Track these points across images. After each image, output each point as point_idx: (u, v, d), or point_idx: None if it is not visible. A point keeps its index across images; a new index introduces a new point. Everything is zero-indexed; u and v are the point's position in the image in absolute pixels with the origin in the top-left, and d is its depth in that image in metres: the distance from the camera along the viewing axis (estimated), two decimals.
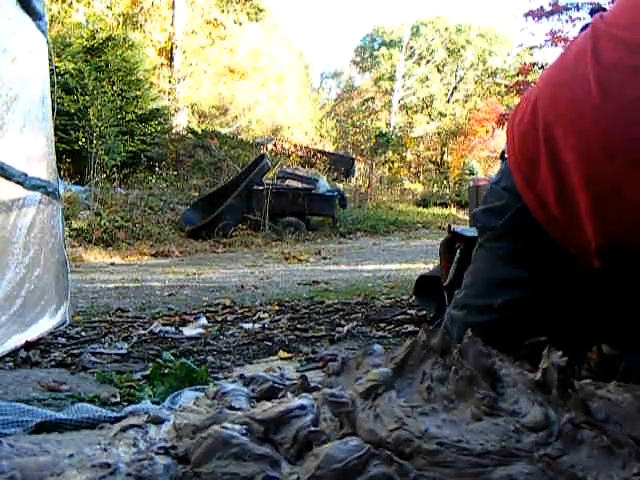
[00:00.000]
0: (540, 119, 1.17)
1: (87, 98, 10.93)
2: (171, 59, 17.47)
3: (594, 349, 1.29)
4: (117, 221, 9.22)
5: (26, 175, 2.53)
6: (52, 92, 2.98)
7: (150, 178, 12.01)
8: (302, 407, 0.89)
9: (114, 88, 11.74)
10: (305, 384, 1.11)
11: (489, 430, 0.78)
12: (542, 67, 11.47)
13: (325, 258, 8.04)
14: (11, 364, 2.19)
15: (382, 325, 2.94)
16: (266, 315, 3.29)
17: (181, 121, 16.36)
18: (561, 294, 1.22)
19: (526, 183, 1.20)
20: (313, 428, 0.85)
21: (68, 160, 9.92)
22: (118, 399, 1.74)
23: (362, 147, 21.23)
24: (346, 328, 2.82)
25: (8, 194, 2.42)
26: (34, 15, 2.66)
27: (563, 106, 1.13)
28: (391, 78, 29.67)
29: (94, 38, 12.57)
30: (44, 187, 2.75)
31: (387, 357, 0.99)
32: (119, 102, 11.71)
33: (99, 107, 10.89)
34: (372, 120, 27.46)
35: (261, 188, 10.48)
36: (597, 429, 0.78)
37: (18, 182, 2.47)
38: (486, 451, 0.75)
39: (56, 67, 3.98)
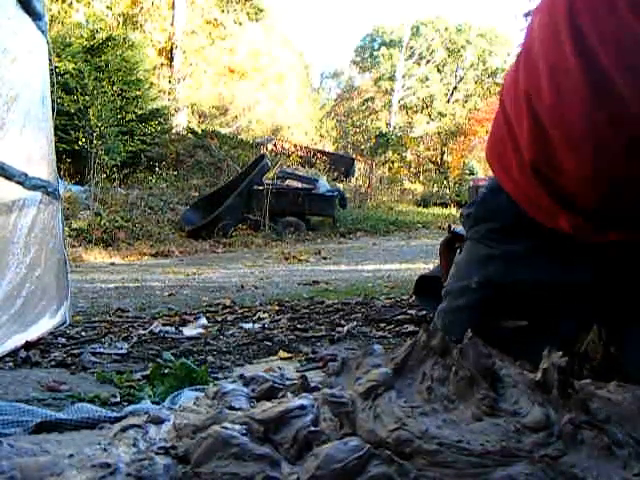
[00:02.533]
0: (502, 101, 1.28)
1: (87, 98, 10.92)
2: (171, 59, 17.46)
3: (598, 348, 1.30)
4: (117, 221, 9.21)
5: (26, 175, 2.53)
6: (52, 92, 2.98)
7: (150, 178, 12.01)
8: (302, 407, 0.89)
9: (114, 88, 11.74)
10: (305, 384, 1.11)
11: (489, 430, 0.78)
12: None
13: (325, 258, 8.04)
14: (11, 364, 2.19)
15: (382, 325, 2.94)
16: (266, 315, 3.29)
17: (181, 121, 16.35)
18: (538, 271, 1.23)
19: (497, 159, 1.31)
20: (313, 428, 0.85)
21: (68, 160, 9.92)
22: (118, 399, 1.74)
23: (362, 147, 21.23)
24: (346, 328, 2.82)
25: (9, 194, 2.42)
26: (34, 15, 2.66)
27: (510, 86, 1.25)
28: (391, 78, 29.67)
29: (94, 38, 12.56)
30: (44, 187, 2.75)
31: (387, 357, 0.99)
32: (119, 102, 11.71)
33: (99, 107, 10.88)
34: (372, 120, 27.46)
35: (261, 188, 10.48)
36: (597, 429, 0.78)
37: (18, 182, 2.47)
38: (486, 451, 0.74)
39: (56, 67, 3.99)
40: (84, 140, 10.39)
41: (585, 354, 1.33)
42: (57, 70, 8.05)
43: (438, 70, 30.23)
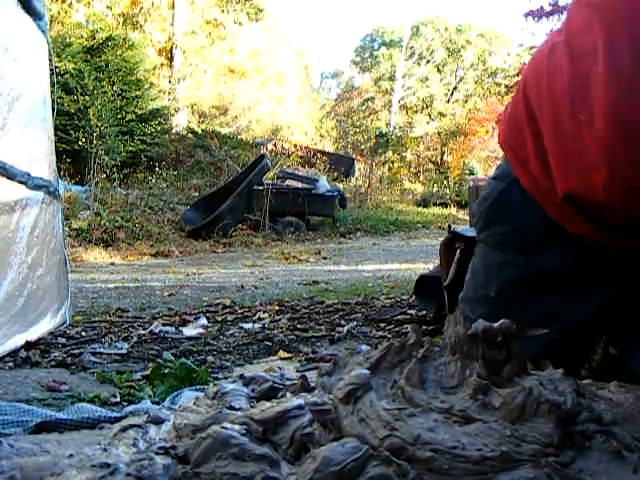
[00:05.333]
0: (525, 91, 1.22)
1: (87, 98, 10.92)
2: (171, 59, 17.46)
3: (598, 350, 1.29)
4: (117, 221, 9.20)
5: (29, 175, 2.53)
6: (52, 92, 2.98)
7: (150, 178, 12.00)
8: (300, 407, 0.89)
9: (114, 88, 11.74)
10: (305, 384, 1.11)
11: (485, 433, 0.76)
12: None
13: (325, 258, 8.03)
14: (11, 364, 2.19)
15: (382, 325, 2.95)
16: (266, 315, 3.29)
17: (181, 121, 16.34)
18: (557, 274, 1.19)
19: (513, 152, 1.24)
20: (310, 429, 0.85)
21: (68, 160, 9.91)
22: (118, 399, 1.74)
23: (362, 147, 21.21)
24: (346, 328, 2.82)
25: (11, 194, 2.42)
26: (34, 15, 2.66)
27: (542, 77, 1.18)
28: (391, 78, 29.66)
29: (94, 38, 12.57)
30: (46, 187, 2.75)
31: (364, 357, 0.97)
32: (119, 102, 11.71)
33: (99, 107, 10.88)
34: (372, 120, 27.45)
35: (261, 188, 10.47)
36: (606, 434, 0.76)
37: (21, 182, 2.48)
38: (484, 457, 0.73)
39: (56, 67, 3.98)
40: (84, 140, 10.38)
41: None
42: (57, 70, 8.05)
43: (438, 70, 30.21)
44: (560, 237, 1.18)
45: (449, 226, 2.69)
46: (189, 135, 15.41)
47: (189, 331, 2.86)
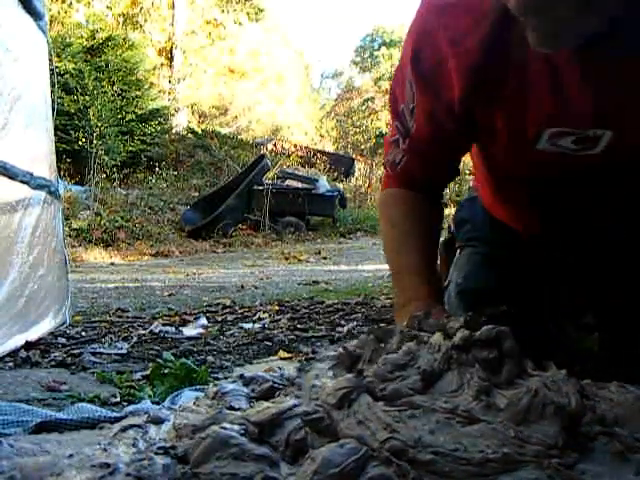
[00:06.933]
0: None
1: (87, 98, 10.92)
2: (171, 59, 17.46)
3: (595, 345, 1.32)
4: (117, 221, 9.20)
5: (31, 174, 2.53)
6: (52, 92, 2.98)
7: (150, 178, 12.00)
8: (295, 407, 0.89)
9: (114, 88, 11.74)
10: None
11: (488, 434, 0.76)
12: None
13: (325, 258, 8.03)
14: (11, 364, 2.19)
15: (382, 325, 2.94)
16: (266, 315, 3.29)
17: (181, 121, 16.34)
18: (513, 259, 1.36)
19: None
20: (304, 432, 0.84)
21: (68, 160, 9.90)
22: (118, 399, 1.74)
23: (362, 147, 21.21)
24: (346, 328, 2.82)
25: (13, 194, 2.42)
26: (35, 15, 2.66)
27: None
28: (391, 78, 29.63)
29: (94, 38, 12.57)
30: (47, 187, 2.75)
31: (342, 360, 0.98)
32: (119, 102, 11.71)
33: (99, 107, 10.89)
34: (372, 120, 27.43)
35: (261, 188, 10.47)
36: (609, 435, 0.76)
37: (23, 182, 2.48)
38: (486, 459, 0.72)
39: (56, 67, 3.98)
40: (84, 140, 10.38)
41: (591, 351, 1.34)
42: (57, 70, 8.04)
43: None
44: (511, 232, 1.40)
45: (449, 226, 2.68)
46: (189, 135, 15.41)
47: (189, 331, 2.86)
